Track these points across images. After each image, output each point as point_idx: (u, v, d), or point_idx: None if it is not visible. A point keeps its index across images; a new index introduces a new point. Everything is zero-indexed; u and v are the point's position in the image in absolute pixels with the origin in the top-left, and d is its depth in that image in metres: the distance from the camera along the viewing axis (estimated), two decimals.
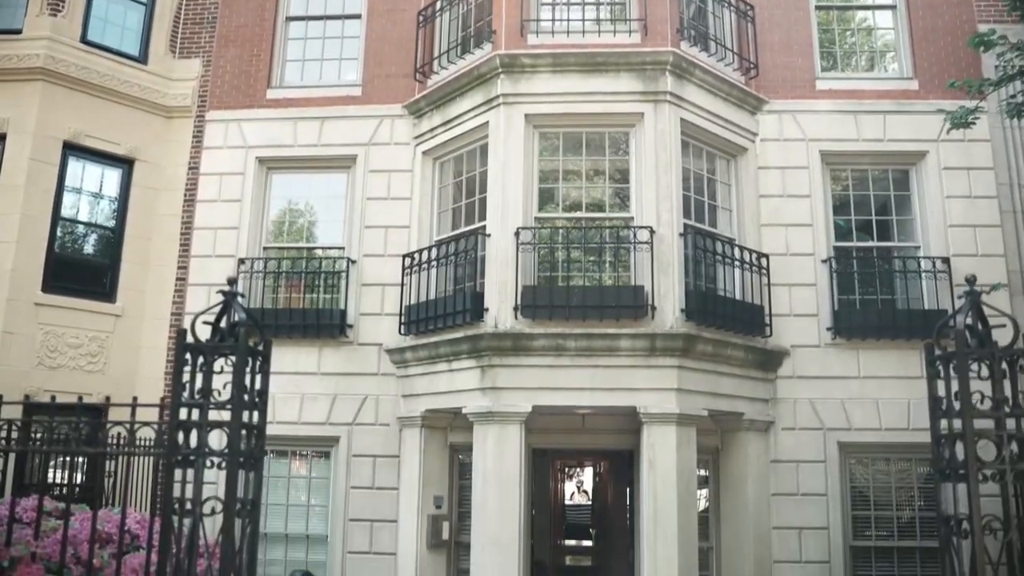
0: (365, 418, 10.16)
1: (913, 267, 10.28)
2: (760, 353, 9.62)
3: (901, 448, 9.86)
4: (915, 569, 9.73)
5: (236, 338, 3.14)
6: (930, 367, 3.19)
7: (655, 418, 8.60)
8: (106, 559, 3.52)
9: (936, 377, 3.20)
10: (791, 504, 9.66)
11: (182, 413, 3.29)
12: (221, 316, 3.29)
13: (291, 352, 10.37)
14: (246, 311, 3.18)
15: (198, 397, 3.17)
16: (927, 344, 3.28)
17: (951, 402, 3.05)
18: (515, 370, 8.80)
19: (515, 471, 8.64)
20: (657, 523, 8.46)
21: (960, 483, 2.97)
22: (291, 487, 10.46)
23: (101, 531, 3.94)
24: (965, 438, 2.96)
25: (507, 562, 8.51)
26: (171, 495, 3.12)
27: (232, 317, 3.20)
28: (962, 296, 3.24)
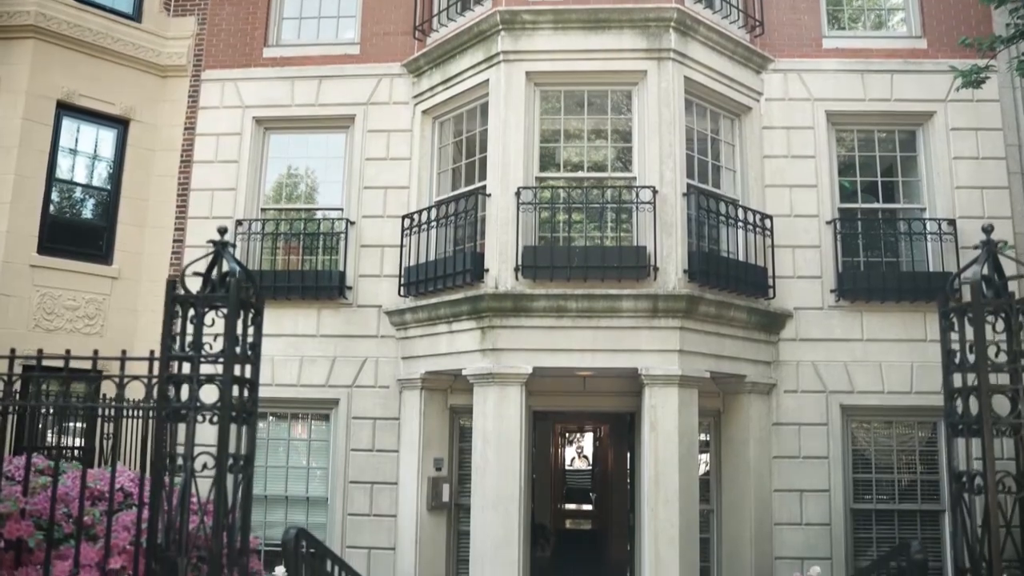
0: (365, 380, 10.10)
1: (919, 229, 10.15)
2: (763, 315, 9.53)
3: (903, 411, 9.82)
4: (915, 532, 9.72)
5: (227, 289, 3.03)
6: (944, 319, 3.08)
7: (657, 380, 8.53)
8: (98, 516, 3.45)
9: (950, 330, 3.10)
10: (792, 467, 9.62)
11: (173, 367, 3.19)
12: (212, 268, 3.17)
13: (290, 314, 10.30)
14: (238, 262, 3.07)
15: (189, 350, 3.06)
16: (941, 296, 3.17)
17: (965, 355, 2.95)
18: (515, 331, 8.71)
19: (515, 433, 8.59)
20: (658, 485, 8.42)
21: (974, 438, 2.88)
22: (291, 449, 10.43)
23: (94, 488, 3.87)
24: (980, 391, 2.87)
25: (507, 523, 8.49)
26: (162, 450, 3.03)
27: (223, 268, 3.08)
28: (978, 246, 3.13)
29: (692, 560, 8.55)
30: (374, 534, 9.89)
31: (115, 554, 3.26)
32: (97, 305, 10.63)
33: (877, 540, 9.74)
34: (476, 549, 8.73)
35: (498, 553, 8.48)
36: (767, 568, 9.45)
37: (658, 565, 8.34)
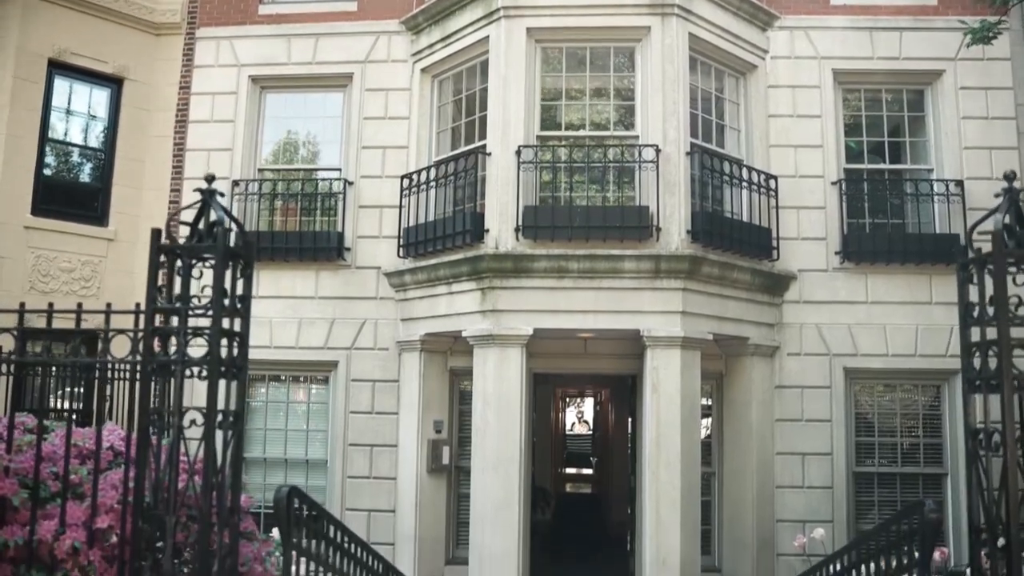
0: (364, 342, 10.00)
1: (925, 190, 9.98)
2: (767, 277, 9.40)
3: (907, 374, 9.74)
4: (917, 495, 9.67)
5: (215, 239, 2.89)
6: (962, 271, 2.95)
7: (659, 341, 8.42)
8: (85, 475, 3.35)
9: (968, 282, 2.97)
10: (795, 430, 9.56)
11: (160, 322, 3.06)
12: (200, 218, 3.04)
13: (288, 276, 10.18)
14: (226, 211, 2.93)
15: (176, 303, 2.94)
16: (960, 247, 3.04)
17: (984, 308, 2.82)
18: (516, 292, 8.59)
19: (516, 394, 8.50)
20: (660, 447, 8.35)
21: (992, 394, 2.76)
22: (290, 412, 10.36)
23: (83, 447, 3.76)
24: (1000, 346, 2.75)
25: (507, 485, 8.43)
26: (147, 406, 2.91)
27: (210, 218, 2.94)
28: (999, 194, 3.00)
29: (693, 523, 8.51)
30: (374, 496, 9.85)
31: (102, 513, 3.16)
32: (93, 267, 10.51)
33: (879, 503, 9.71)
34: (476, 511, 8.69)
35: (498, 515, 8.43)
36: (768, 531, 9.41)
37: (659, 528, 8.30)
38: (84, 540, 3.20)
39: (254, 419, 10.35)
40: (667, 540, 8.27)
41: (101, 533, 3.21)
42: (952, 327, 9.55)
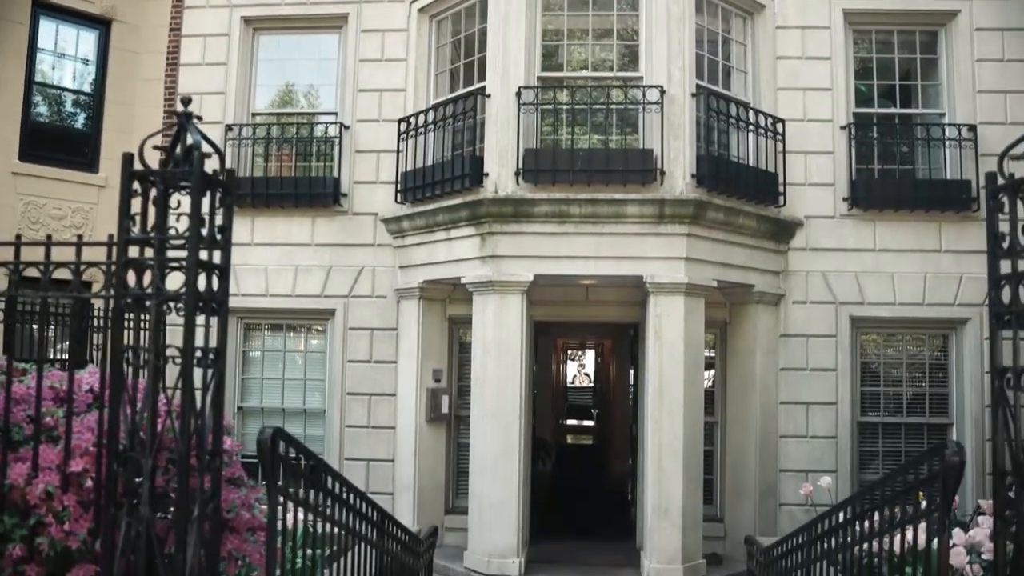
0: (361, 290, 9.82)
1: (937, 135, 9.71)
2: (773, 223, 9.18)
3: (915, 323, 9.57)
4: (922, 445, 9.56)
5: (191, 164, 2.67)
6: (991, 199, 2.75)
7: (663, 288, 8.23)
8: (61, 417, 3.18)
9: (998, 211, 2.76)
10: (799, 379, 9.41)
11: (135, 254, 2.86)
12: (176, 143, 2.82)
13: (283, 223, 9.97)
14: (204, 136, 2.71)
15: (150, 233, 2.73)
16: (989, 174, 2.83)
17: (1016, 238, 2.62)
18: (516, 238, 8.37)
19: (516, 342, 8.34)
20: (662, 396, 8.20)
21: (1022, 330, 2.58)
22: (287, 361, 10.21)
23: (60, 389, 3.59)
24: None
25: (507, 434, 8.31)
26: (120, 343, 2.72)
27: (187, 142, 2.73)
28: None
29: (696, 472, 8.39)
30: (372, 446, 9.75)
31: (76, 456, 2.99)
32: (84, 214, 10.31)
33: (883, 454, 9.60)
34: (476, 460, 8.58)
35: (498, 464, 8.32)
36: (771, 480, 9.32)
37: (661, 477, 8.19)
38: (58, 484, 3.04)
39: (251, 368, 10.23)
40: (669, 489, 8.16)
41: (76, 477, 3.05)
42: (962, 275, 9.38)
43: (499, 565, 8.30)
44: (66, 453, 3.00)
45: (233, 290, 9.85)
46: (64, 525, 2.93)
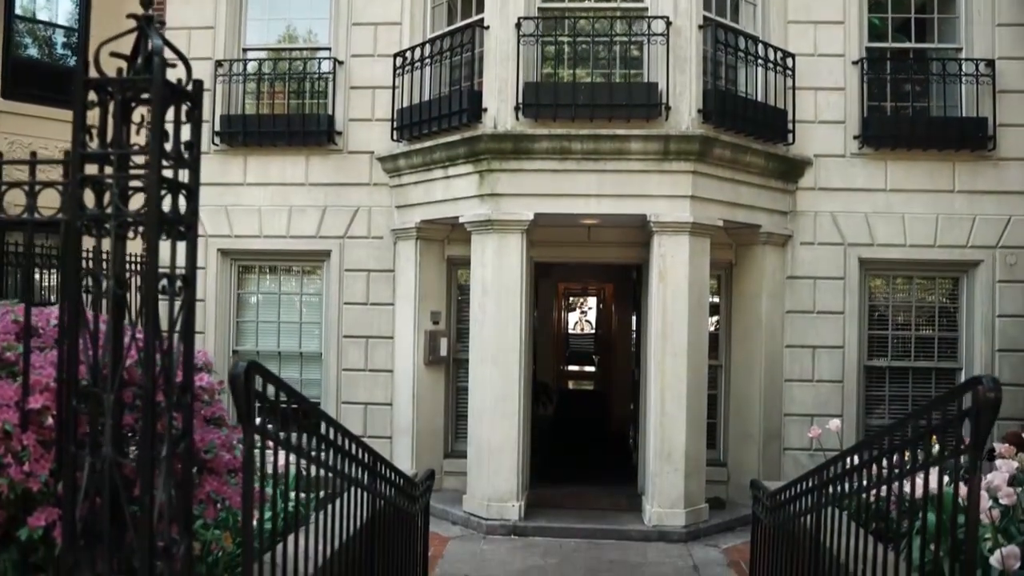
0: (357, 231, 9.56)
1: (953, 71, 9.35)
2: (781, 161, 8.88)
3: (925, 266, 9.33)
4: (929, 390, 9.39)
5: (152, 72, 2.39)
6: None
7: (667, 227, 7.97)
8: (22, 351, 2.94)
9: None
10: (806, 322, 9.20)
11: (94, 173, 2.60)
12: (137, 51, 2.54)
13: (276, 161, 9.68)
14: (166, 41, 2.43)
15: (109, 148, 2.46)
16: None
17: None
18: (516, 175, 8.09)
19: (515, 283, 8.10)
20: (666, 339, 8.00)
21: None
22: (283, 304, 9.99)
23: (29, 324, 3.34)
24: None
25: (507, 377, 8.13)
26: (76, 268, 2.48)
27: (147, 47, 2.44)
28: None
29: (699, 416, 8.24)
30: (370, 389, 9.59)
31: (36, 392, 2.77)
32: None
33: (889, 398, 9.43)
34: (475, 404, 8.41)
35: (497, 407, 8.15)
36: (776, 425, 9.17)
37: (664, 421, 8.02)
38: (17, 423, 2.82)
39: (246, 312, 10.03)
40: (672, 434, 8.01)
41: (35, 415, 2.84)
42: (975, 217, 9.12)
43: (498, 509, 8.19)
44: (24, 389, 2.78)
45: (226, 231, 9.67)
46: (24, 466, 2.72)
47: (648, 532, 8.03)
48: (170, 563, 2.55)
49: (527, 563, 7.30)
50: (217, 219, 9.67)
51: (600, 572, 7.08)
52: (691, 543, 7.95)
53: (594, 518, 8.43)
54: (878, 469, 3.28)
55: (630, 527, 8.14)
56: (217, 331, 9.73)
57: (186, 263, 2.76)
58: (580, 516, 8.48)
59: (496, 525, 8.14)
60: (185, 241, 2.78)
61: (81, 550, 2.66)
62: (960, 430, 2.58)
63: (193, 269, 2.78)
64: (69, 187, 2.63)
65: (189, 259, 2.77)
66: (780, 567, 4.91)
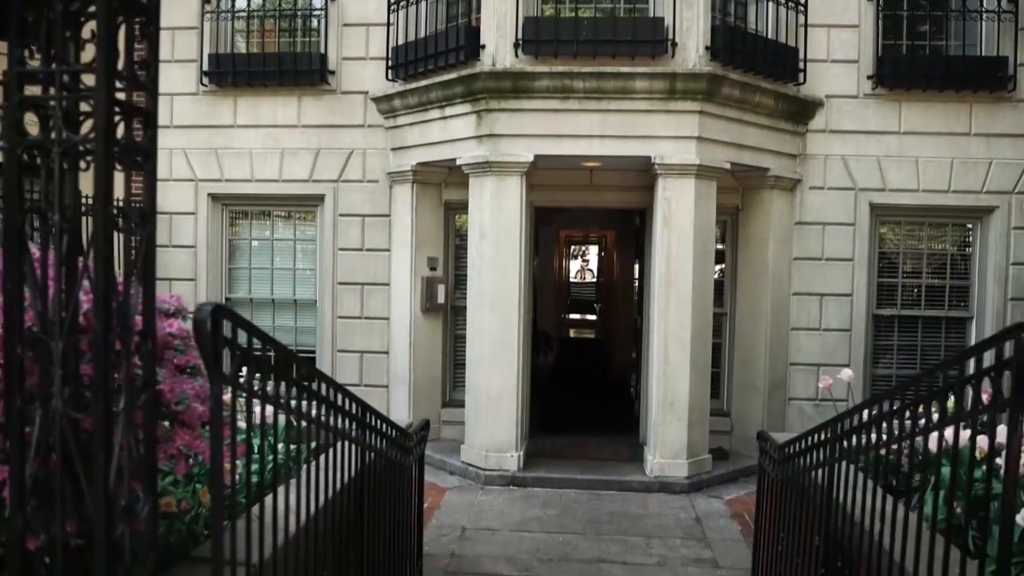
0: (351, 174, 9.25)
1: (973, 7, 8.94)
2: (791, 102, 8.53)
3: (938, 211, 9.03)
4: (939, 339, 9.17)
5: None
6: None
7: (672, 170, 7.67)
8: None
9: None
10: (814, 269, 8.94)
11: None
12: None
13: (267, 103, 9.33)
14: None
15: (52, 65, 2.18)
16: None
17: None
18: (515, 115, 7.76)
19: (515, 227, 7.82)
20: (670, 285, 7.75)
21: None
22: (276, 250, 9.73)
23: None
24: None
25: (506, 324, 7.89)
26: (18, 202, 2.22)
27: None
28: None
29: (703, 365, 8.02)
30: (366, 338, 9.37)
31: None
32: None
33: (898, 348, 9.21)
34: (472, 351, 8.19)
35: (496, 355, 7.93)
36: (781, 374, 8.96)
37: (667, 370, 7.81)
38: None
39: (238, 258, 9.77)
40: (675, 383, 7.80)
41: None
42: (991, 161, 8.80)
43: (497, 459, 8.02)
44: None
45: (216, 175, 9.37)
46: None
47: (650, 483, 7.87)
48: (131, 523, 2.32)
49: (526, 514, 7.14)
50: (207, 163, 9.37)
51: (601, 524, 6.92)
52: (693, 494, 7.79)
53: (595, 468, 8.26)
54: (901, 423, 3.05)
55: (631, 478, 7.97)
56: (209, 278, 9.48)
57: (144, 196, 2.49)
58: (580, 466, 8.31)
59: (495, 476, 7.98)
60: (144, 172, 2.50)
61: (35, 511, 2.43)
62: (1000, 382, 2.33)
63: (152, 203, 2.51)
64: (8, 110, 2.34)
65: (148, 191, 2.50)
66: (787, 522, 4.72)
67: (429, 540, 6.39)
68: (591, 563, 6.04)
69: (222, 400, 2.60)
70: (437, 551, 6.24)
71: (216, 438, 2.57)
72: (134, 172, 2.50)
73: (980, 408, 2.41)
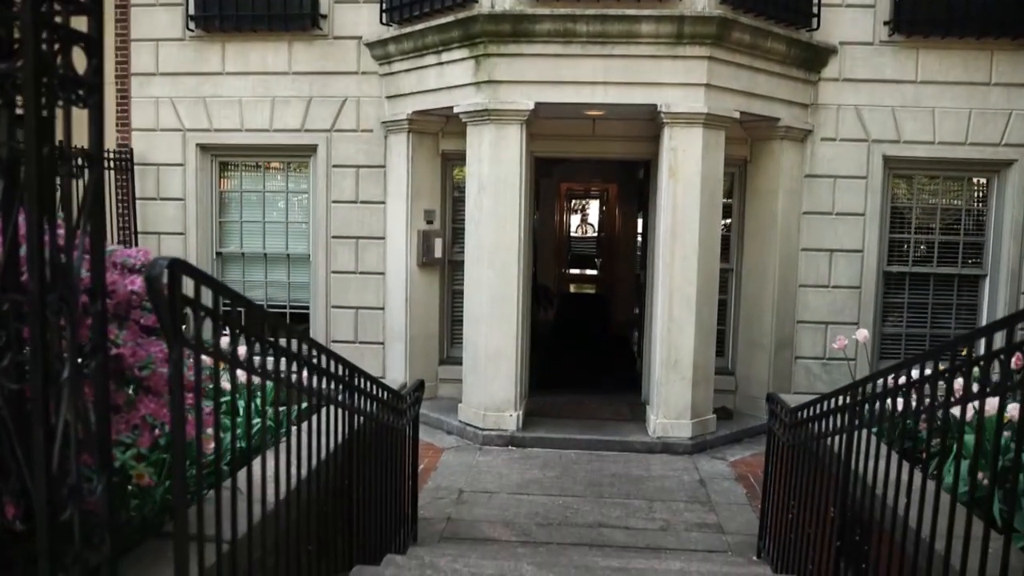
0: (345, 123, 8.90)
1: None
2: (804, 48, 8.14)
3: (954, 164, 8.68)
4: (951, 297, 8.90)
5: None
6: None
7: (679, 118, 7.33)
8: None
9: None
10: (824, 224, 8.64)
11: None
12: None
13: (257, 48, 8.94)
14: None
15: None
16: None
17: None
18: (515, 60, 7.39)
19: (514, 178, 7.50)
20: (675, 238, 7.45)
21: None
22: (267, 203, 9.41)
23: None
24: None
25: (505, 278, 7.61)
26: None
27: None
28: None
29: (709, 322, 7.76)
30: (361, 293, 9.10)
31: None
32: None
33: (908, 305, 8.94)
34: (470, 307, 7.92)
35: (495, 311, 7.67)
36: (788, 332, 8.70)
37: (671, 328, 7.55)
38: None
39: (229, 211, 9.46)
40: (680, 340, 7.54)
41: None
42: (1011, 112, 8.45)
43: (495, 419, 7.79)
44: None
45: (205, 125, 9.03)
46: None
47: (652, 444, 7.65)
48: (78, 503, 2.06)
49: (525, 476, 6.93)
50: (195, 111, 9.02)
51: (602, 486, 6.71)
52: (697, 455, 7.58)
53: (595, 428, 8.05)
54: (934, 391, 2.79)
55: (633, 438, 7.75)
56: (199, 232, 9.19)
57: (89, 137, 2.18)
58: (581, 426, 8.09)
59: (493, 435, 7.76)
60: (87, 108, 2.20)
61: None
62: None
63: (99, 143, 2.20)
64: None
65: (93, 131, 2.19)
66: (799, 490, 4.48)
67: (425, 503, 6.18)
68: (592, 528, 5.84)
69: (182, 366, 2.33)
70: (433, 515, 6.03)
71: (177, 408, 2.30)
72: (77, 108, 2.20)
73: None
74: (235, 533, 2.61)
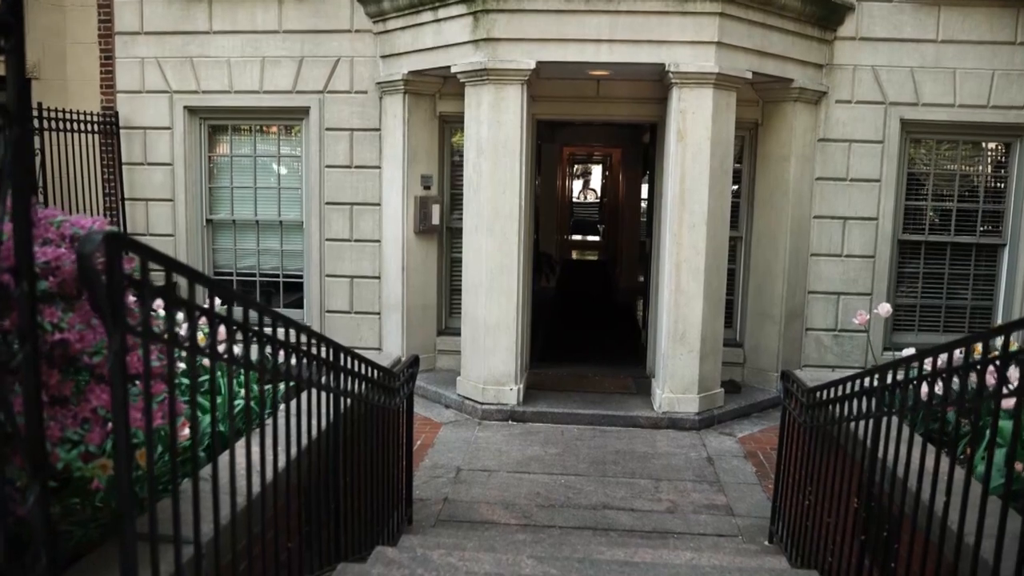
0: (338, 85, 8.52)
1: None
2: (820, 4, 7.73)
3: (975, 129, 8.31)
4: (968, 268, 8.58)
5: None
6: None
7: (688, 79, 6.95)
8: None
9: None
10: (838, 190, 8.29)
11: None
12: None
13: (246, 6, 8.54)
14: None
15: None
16: None
17: None
18: (515, 17, 7.00)
19: (515, 141, 7.15)
20: (683, 205, 7.11)
21: None
22: (258, 168, 9.05)
23: None
24: None
25: (505, 246, 7.29)
26: None
27: None
28: None
29: (718, 293, 7.44)
30: (356, 261, 8.78)
31: None
32: None
33: (923, 275, 8.62)
34: (469, 277, 7.60)
35: (495, 281, 7.35)
36: (799, 303, 8.39)
37: (678, 298, 7.23)
38: None
39: (219, 177, 9.11)
40: (687, 312, 7.23)
41: None
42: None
43: (495, 393, 7.51)
44: None
45: (193, 86, 8.65)
46: None
47: (658, 419, 7.37)
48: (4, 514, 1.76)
49: (525, 453, 6.65)
50: (182, 73, 8.64)
51: (606, 464, 6.44)
52: (704, 431, 7.31)
53: (599, 403, 7.77)
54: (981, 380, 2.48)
55: (638, 413, 7.47)
56: (188, 198, 8.85)
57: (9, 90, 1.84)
58: (584, 400, 7.82)
59: (492, 410, 7.49)
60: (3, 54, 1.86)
61: None
62: None
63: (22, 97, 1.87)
64: None
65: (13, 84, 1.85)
66: (817, 475, 4.20)
67: (421, 483, 5.92)
68: (595, 510, 5.57)
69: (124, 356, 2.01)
70: (429, 495, 5.77)
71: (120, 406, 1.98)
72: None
73: None
74: (198, 537, 2.32)
